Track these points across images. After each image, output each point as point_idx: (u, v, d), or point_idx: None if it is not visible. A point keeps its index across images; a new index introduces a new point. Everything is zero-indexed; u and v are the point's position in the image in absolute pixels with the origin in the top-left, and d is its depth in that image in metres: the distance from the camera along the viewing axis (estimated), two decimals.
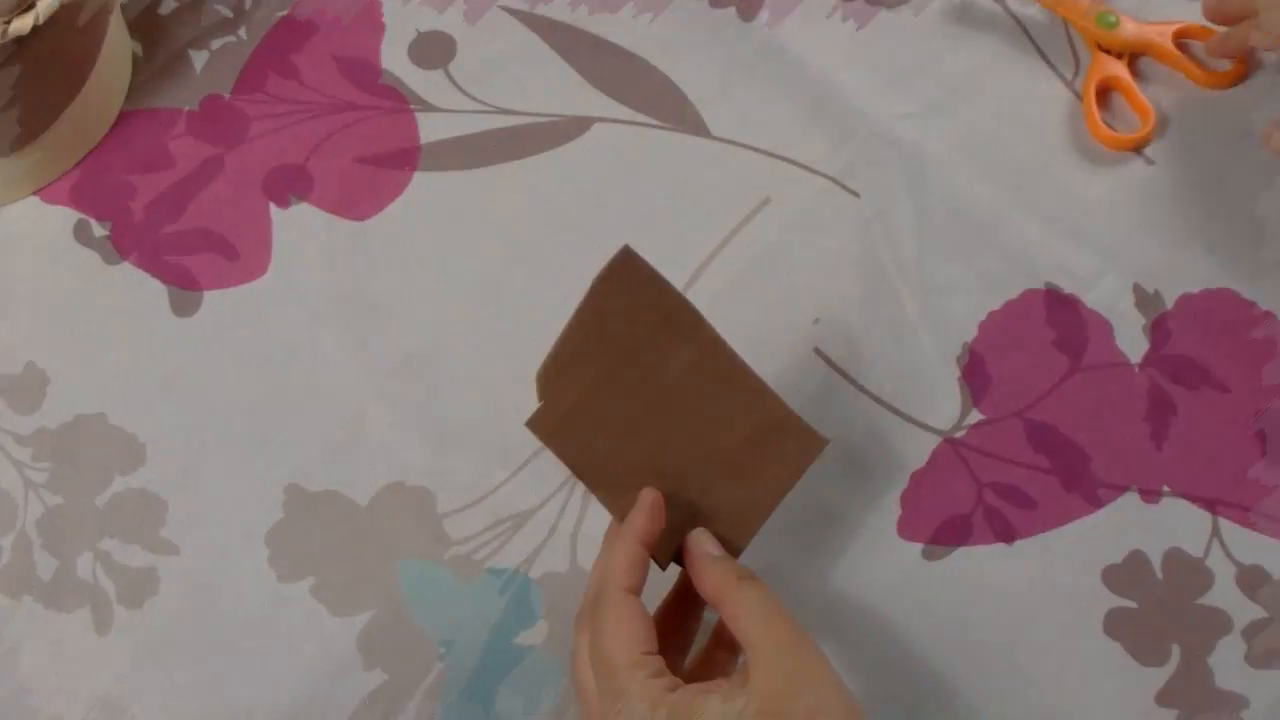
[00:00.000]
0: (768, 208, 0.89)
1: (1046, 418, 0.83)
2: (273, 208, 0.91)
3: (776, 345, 0.84)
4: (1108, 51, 0.91)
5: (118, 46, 0.94)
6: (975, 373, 0.84)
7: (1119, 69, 0.90)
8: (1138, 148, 0.89)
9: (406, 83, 0.95)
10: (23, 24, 0.80)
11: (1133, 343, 0.84)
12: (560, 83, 0.94)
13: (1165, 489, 0.81)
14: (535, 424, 0.71)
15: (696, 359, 0.72)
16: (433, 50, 0.95)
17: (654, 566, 0.70)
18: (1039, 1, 0.93)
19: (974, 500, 0.81)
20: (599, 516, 0.81)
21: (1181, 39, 0.91)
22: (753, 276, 0.86)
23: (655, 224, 0.89)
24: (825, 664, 0.65)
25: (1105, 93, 0.91)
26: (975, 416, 0.83)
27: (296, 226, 0.91)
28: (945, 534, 0.81)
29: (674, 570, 0.72)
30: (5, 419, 0.87)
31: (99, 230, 0.91)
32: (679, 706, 0.63)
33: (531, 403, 0.78)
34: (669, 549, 0.71)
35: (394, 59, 0.95)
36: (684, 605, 0.73)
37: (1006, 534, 0.81)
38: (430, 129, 0.93)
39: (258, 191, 0.92)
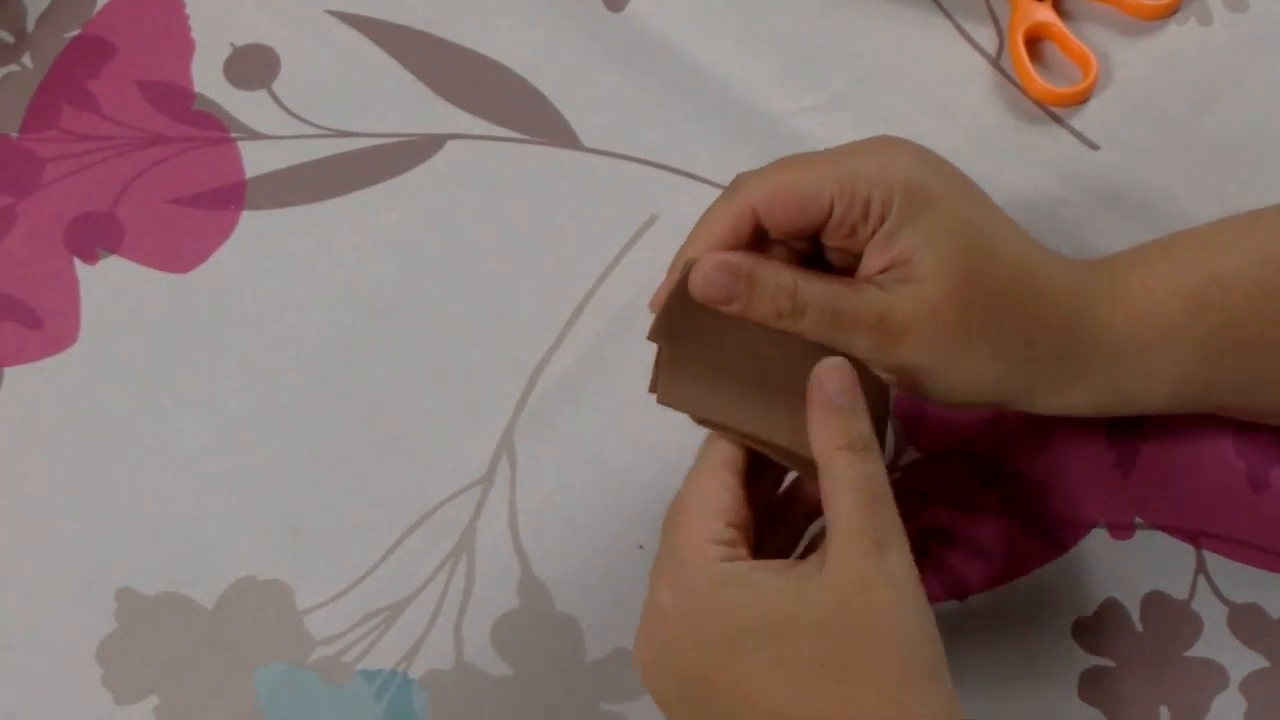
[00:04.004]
0: (655, 226, 0.88)
1: (993, 449, 0.81)
2: (78, 264, 0.89)
3: None
4: None
5: None
6: (907, 404, 0.83)
7: (1045, 13, 0.90)
8: (1080, 102, 0.89)
9: (224, 107, 0.92)
10: None
11: None
12: (404, 96, 0.92)
13: (1138, 521, 0.80)
14: (665, 395, 0.71)
15: None
16: (252, 67, 0.93)
17: None
18: None
19: (918, 552, 0.76)
20: (486, 601, 0.80)
21: None
22: (644, 309, 0.83)
23: (525, 255, 0.88)
24: (912, 581, 0.65)
25: (1034, 43, 0.90)
26: (911, 455, 0.82)
27: (108, 284, 0.88)
28: None
29: None
30: None
31: None
32: (728, 577, 0.64)
33: (388, 472, 0.82)
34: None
35: (208, 80, 0.93)
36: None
37: (959, 589, 0.79)
38: (256, 160, 0.91)
39: (59, 246, 0.89)
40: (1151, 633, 0.78)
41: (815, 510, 0.72)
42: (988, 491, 0.81)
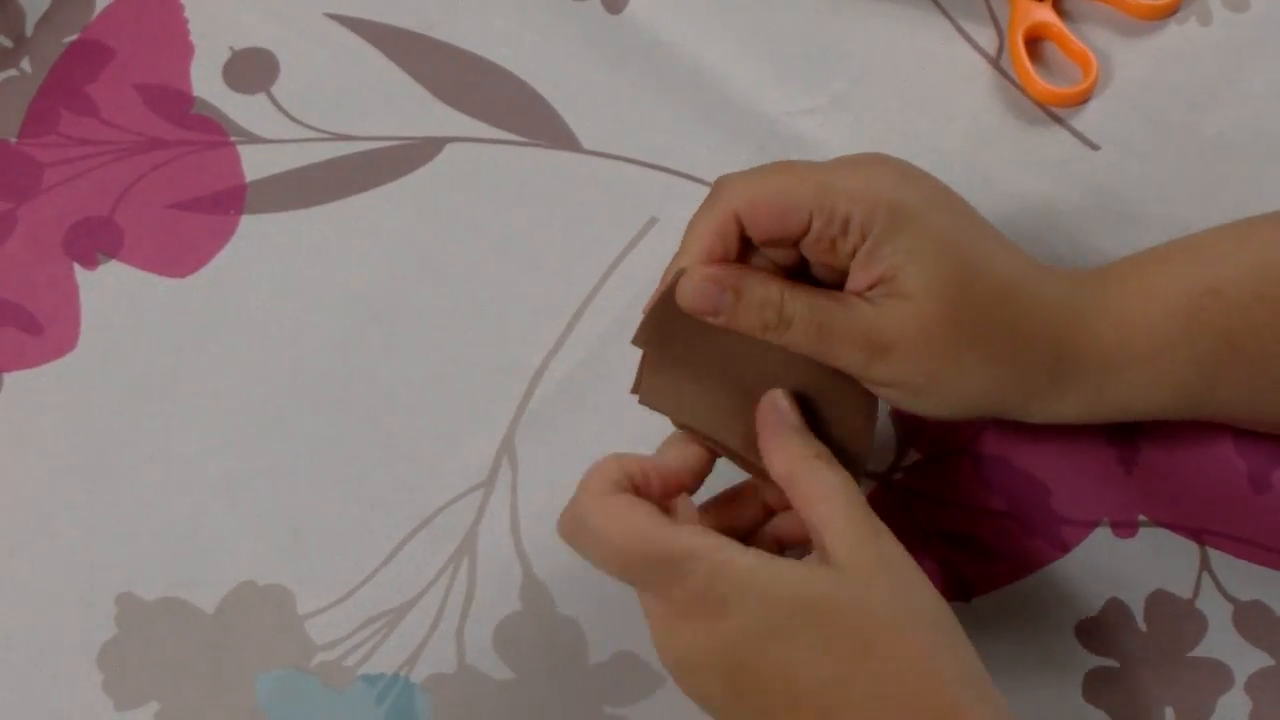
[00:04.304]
0: (655, 228, 0.87)
1: (994, 449, 0.81)
2: (78, 269, 0.88)
3: None
4: None
5: None
6: None
7: (1045, 13, 0.90)
8: (1080, 102, 0.89)
9: (224, 111, 0.92)
10: None
11: None
12: (403, 99, 0.91)
13: (1142, 519, 0.79)
14: (646, 396, 0.72)
15: None
16: (251, 70, 0.93)
17: None
18: None
19: (922, 553, 0.79)
20: (488, 605, 0.80)
21: None
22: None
23: (526, 257, 0.87)
24: (912, 560, 0.65)
25: (1034, 43, 0.90)
26: (913, 457, 0.82)
27: (107, 289, 0.88)
28: None
29: None
30: None
31: None
32: (754, 571, 0.63)
33: (389, 476, 0.82)
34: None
35: (207, 83, 0.92)
36: (740, 501, 0.73)
37: (962, 591, 0.79)
38: (255, 164, 0.90)
39: (58, 251, 0.89)
40: (1156, 632, 0.78)
41: (758, 525, 0.73)
42: (990, 492, 0.81)
